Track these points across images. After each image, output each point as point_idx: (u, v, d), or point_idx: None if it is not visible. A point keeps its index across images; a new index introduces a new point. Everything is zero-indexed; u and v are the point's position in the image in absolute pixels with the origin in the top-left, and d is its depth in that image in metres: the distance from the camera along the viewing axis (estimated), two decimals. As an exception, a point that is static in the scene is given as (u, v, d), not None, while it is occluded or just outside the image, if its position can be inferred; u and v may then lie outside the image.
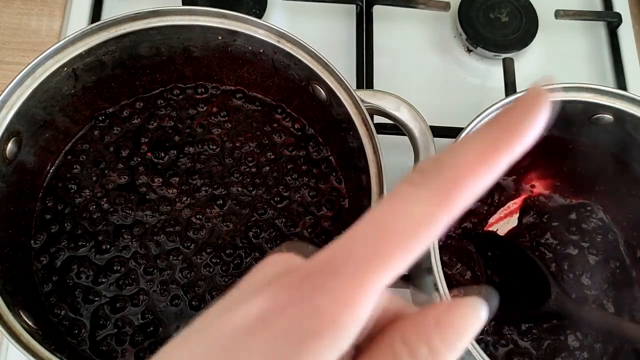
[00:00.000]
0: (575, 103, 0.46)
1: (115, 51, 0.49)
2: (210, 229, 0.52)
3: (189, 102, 0.56)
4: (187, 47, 0.52)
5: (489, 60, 0.69)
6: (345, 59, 0.66)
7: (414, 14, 0.69)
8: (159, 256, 0.50)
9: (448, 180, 0.16)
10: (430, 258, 0.41)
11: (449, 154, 0.17)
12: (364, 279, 0.16)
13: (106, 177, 0.53)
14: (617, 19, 0.70)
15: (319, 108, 0.52)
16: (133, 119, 0.55)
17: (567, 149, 0.52)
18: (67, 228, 0.51)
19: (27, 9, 0.67)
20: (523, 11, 0.69)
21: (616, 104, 0.46)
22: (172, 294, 0.49)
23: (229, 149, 0.55)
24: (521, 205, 0.57)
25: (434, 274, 0.40)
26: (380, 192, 0.45)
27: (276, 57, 0.51)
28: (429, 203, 0.16)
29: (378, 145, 0.46)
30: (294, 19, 0.69)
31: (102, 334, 0.48)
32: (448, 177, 0.16)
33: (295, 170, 0.54)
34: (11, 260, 0.46)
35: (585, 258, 0.55)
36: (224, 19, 0.49)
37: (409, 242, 0.16)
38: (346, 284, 0.16)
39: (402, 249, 0.16)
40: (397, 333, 0.17)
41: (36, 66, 0.45)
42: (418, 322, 0.17)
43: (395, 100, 0.48)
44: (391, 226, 0.16)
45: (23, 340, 0.39)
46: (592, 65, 0.70)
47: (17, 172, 0.47)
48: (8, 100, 0.44)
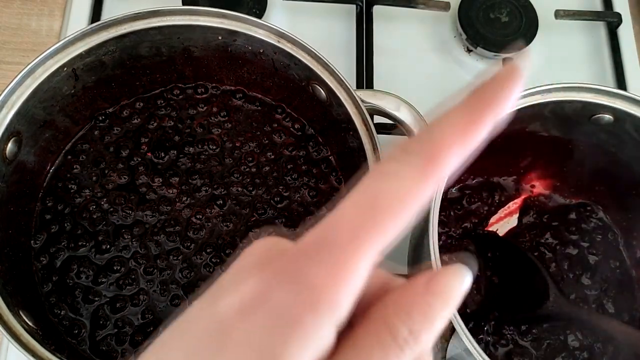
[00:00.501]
0: (575, 103, 0.46)
1: (115, 51, 0.49)
2: (210, 229, 0.52)
3: (189, 102, 0.56)
4: (187, 47, 0.52)
5: (489, 60, 0.69)
6: (345, 59, 0.66)
7: (414, 14, 0.69)
8: (159, 256, 0.50)
9: (430, 155, 0.17)
10: (430, 258, 0.41)
11: (428, 130, 0.17)
12: (356, 250, 0.16)
13: (106, 177, 0.53)
14: (617, 19, 0.70)
15: (319, 108, 0.52)
16: (133, 119, 0.55)
17: (567, 149, 0.52)
18: (67, 228, 0.51)
19: (27, 9, 0.67)
20: (523, 11, 0.69)
21: (616, 104, 0.46)
22: (172, 294, 0.49)
23: (229, 149, 0.55)
24: (521, 205, 0.57)
25: None
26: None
27: (276, 57, 0.51)
28: (412, 178, 0.17)
29: (378, 145, 0.46)
30: (294, 19, 0.69)
31: (102, 334, 0.48)
32: (429, 152, 0.17)
33: (295, 170, 0.54)
34: (11, 260, 0.46)
35: (585, 258, 0.55)
36: (224, 19, 0.49)
37: (396, 213, 0.16)
38: (338, 256, 0.16)
39: (390, 220, 0.16)
40: (381, 311, 0.17)
41: (36, 66, 0.45)
42: (401, 299, 0.17)
43: (395, 100, 0.48)
44: (378, 202, 0.16)
45: (23, 340, 0.39)
46: (592, 65, 0.70)
47: (17, 172, 0.47)
48: (8, 100, 0.44)
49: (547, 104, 0.46)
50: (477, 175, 0.57)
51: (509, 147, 0.53)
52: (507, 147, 0.52)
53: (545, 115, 0.48)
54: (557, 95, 0.46)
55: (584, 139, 0.51)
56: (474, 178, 0.57)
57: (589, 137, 0.50)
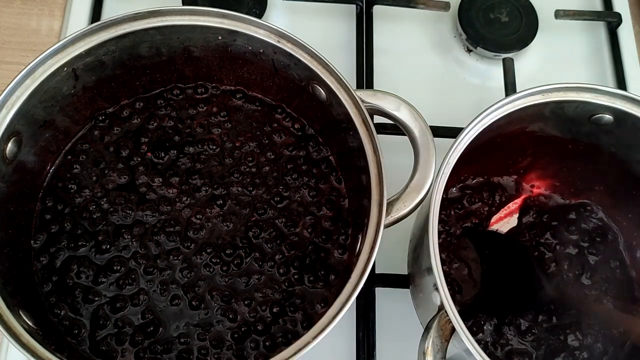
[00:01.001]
0: (575, 103, 0.46)
1: (115, 51, 0.49)
2: (210, 229, 0.52)
3: (189, 102, 0.56)
4: (187, 47, 0.52)
5: (489, 60, 0.69)
6: (345, 59, 0.66)
7: (414, 14, 0.69)
8: (159, 256, 0.50)
9: None
10: (430, 258, 0.41)
11: None
12: None
13: (106, 177, 0.53)
14: (617, 19, 0.70)
15: (319, 108, 0.52)
16: (133, 119, 0.55)
17: (567, 149, 0.53)
18: (67, 228, 0.51)
19: (27, 9, 0.67)
20: (523, 11, 0.69)
21: (616, 104, 0.46)
22: (172, 294, 0.49)
23: (229, 149, 0.55)
24: (521, 205, 0.57)
25: (434, 274, 0.40)
26: (380, 192, 0.45)
27: (276, 57, 0.51)
28: None
29: (378, 145, 0.46)
30: (294, 19, 0.69)
31: (102, 333, 0.48)
32: None
33: (295, 170, 0.54)
34: (11, 260, 0.46)
35: (585, 258, 0.55)
36: (224, 19, 0.49)
37: None
38: None
39: None
40: None
41: (36, 66, 0.45)
42: None
43: (395, 100, 0.48)
44: None
45: (23, 340, 0.39)
46: (592, 65, 0.70)
47: (17, 172, 0.47)
48: (8, 100, 0.44)
49: (548, 104, 0.46)
50: (478, 175, 0.57)
51: (509, 147, 0.53)
52: (508, 147, 0.53)
53: (545, 115, 0.48)
54: (558, 95, 0.46)
55: (584, 139, 0.51)
56: (474, 178, 0.57)
57: (589, 137, 0.50)
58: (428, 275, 0.43)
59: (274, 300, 0.50)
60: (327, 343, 0.40)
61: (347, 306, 0.41)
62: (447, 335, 0.40)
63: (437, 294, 0.41)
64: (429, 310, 0.43)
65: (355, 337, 0.54)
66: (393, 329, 0.55)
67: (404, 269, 0.55)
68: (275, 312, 0.49)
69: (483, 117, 0.45)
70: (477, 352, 0.39)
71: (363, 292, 0.54)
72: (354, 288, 0.42)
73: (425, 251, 0.42)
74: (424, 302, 0.47)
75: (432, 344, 0.40)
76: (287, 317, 0.49)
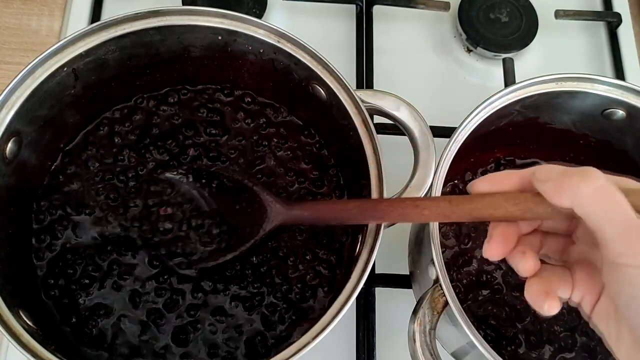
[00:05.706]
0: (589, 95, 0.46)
1: (115, 51, 0.49)
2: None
3: (189, 102, 0.56)
4: (187, 47, 0.52)
5: (489, 60, 0.69)
6: (345, 59, 0.66)
7: (414, 14, 0.69)
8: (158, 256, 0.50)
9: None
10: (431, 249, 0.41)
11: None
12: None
13: (106, 177, 0.53)
14: (617, 19, 0.70)
15: (319, 108, 0.52)
16: (133, 119, 0.55)
17: (578, 144, 0.52)
18: (67, 228, 0.50)
19: (27, 9, 0.67)
20: (523, 11, 0.69)
21: (630, 100, 0.46)
22: (172, 294, 0.49)
23: (228, 149, 0.55)
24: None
25: (431, 249, 0.41)
26: (380, 192, 0.45)
27: (276, 57, 0.51)
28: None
29: (378, 145, 0.46)
30: (294, 19, 0.69)
31: (103, 333, 0.47)
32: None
33: (295, 170, 0.54)
34: (11, 260, 0.46)
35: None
36: (224, 19, 0.49)
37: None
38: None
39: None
40: None
41: (36, 66, 0.45)
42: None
43: (395, 100, 0.48)
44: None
45: (23, 341, 0.39)
46: (592, 65, 0.70)
47: (17, 171, 0.47)
48: (8, 100, 0.44)
49: (560, 94, 0.46)
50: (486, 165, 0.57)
51: (518, 138, 0.53)
52: (516, 138, 0.52)
53: (557, 106, 0.48)
54: (571, 85, 0.46)
55: (595, 134, 0.51)
56: (485, 169, 0.57)
57: (600, 133, 0.50)
58: (428, 265, 0.43)
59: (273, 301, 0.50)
60: (327, 343, 0.40)
61: (347, 306, 0.41)
62: (439, 308, 0.40)
63: (433, 269, 0.41)
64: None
65: (355, 337, 0.54)
66: (393, 329, 0.55)
67: (404, 269, 0.55)
68: (275, 312, 0.49)
69: (479, 110, 0.46)
70: (466, 325, 0.39)
71: (363, 292, 0.54)
72: (354, 288, 0.42)
73: (426, 243, 0.42)
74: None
75: (424, 315, 0.40)
76: (287, 316, 0.49)
